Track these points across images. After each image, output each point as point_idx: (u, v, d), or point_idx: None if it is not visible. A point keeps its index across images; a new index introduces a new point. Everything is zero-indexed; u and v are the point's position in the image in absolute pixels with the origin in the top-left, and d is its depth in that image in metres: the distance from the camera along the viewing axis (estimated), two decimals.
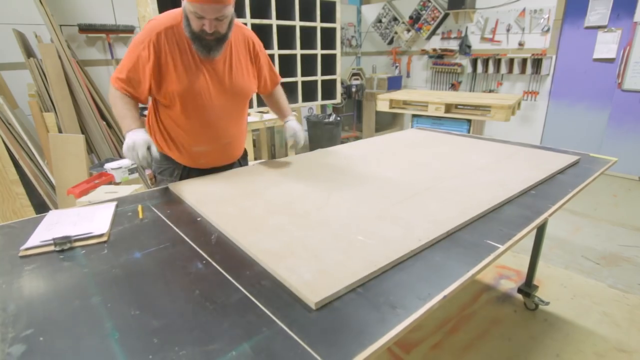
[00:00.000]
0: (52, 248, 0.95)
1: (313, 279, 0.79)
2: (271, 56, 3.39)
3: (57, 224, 1.07)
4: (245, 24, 3.13)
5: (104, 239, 1.01)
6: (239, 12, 3.11)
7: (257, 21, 3.17)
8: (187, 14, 1.22)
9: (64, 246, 0.96)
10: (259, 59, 1.51)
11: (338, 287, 0.76)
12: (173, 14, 1.32)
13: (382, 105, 3.70)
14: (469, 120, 3.22)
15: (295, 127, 1.62)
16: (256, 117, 3.33)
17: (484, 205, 1.15)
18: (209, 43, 1.27)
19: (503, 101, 3.08)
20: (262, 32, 3.34)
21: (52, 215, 1.14)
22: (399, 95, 3.72)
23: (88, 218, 1.11)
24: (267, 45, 3.39)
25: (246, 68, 1.46)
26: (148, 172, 1.32)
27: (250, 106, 3.40)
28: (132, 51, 1.29)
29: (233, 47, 1.40)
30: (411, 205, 1.16)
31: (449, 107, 3.32)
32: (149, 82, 1.31)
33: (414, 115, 3.55)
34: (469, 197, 1.22)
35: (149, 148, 1.24)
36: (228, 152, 1.55)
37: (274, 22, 3.28)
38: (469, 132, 3.23)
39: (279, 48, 3.40)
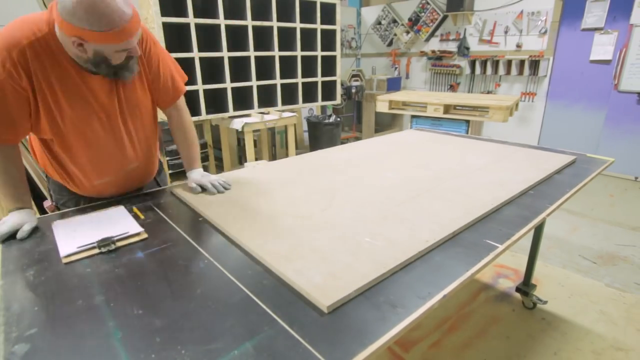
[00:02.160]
0: (95, 251, 0.94)
1: (323, 282, 0.78)
2: (272, 58, 3.39)
3: (76, 232, 1.02)
4: (247, 26, 3.13)
5: (144, 236, 1.01)
6: (241, 15, 3.11)
7: (258, 23, 3.18)
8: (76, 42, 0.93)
9: (109, 247, 0.95)
10: (151, 60, 1.19)
11: (349, 290, 0.75)
12: (32, 22, 0.96)
13: (382, 106, 3.72)
14: (468, 121, 3.24)
15: (200, 179, 1.32)
16: (257, 117, 3.33)
17: (487, 205, 1.16)
18: (116, 65, 1.01)
19: (501, 102, 3.09)
20: (263, 34, 3.35)
21: (61, 226, 1.07)
22: (398, 96, 3.74)
23: (108, 222, 1.08)
24: (268, 47, 3.39)
25: (138, 77, 1.16)
26: (48, 204, 1.21)
27: (251, 107, 3.40)
28: None
29: None
30: (415, 206, 1.17)
31: (447, 108, 3.33)
32: (28, 116, 1.01)
33: (413, 116, 3.57)
34: (470, 197, 1.23)
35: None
36: (137, 176, 1.33)
37: (274, 24, 3.28)
38: (467, 132, 3.25)
39: (280, 49, 3.41)
